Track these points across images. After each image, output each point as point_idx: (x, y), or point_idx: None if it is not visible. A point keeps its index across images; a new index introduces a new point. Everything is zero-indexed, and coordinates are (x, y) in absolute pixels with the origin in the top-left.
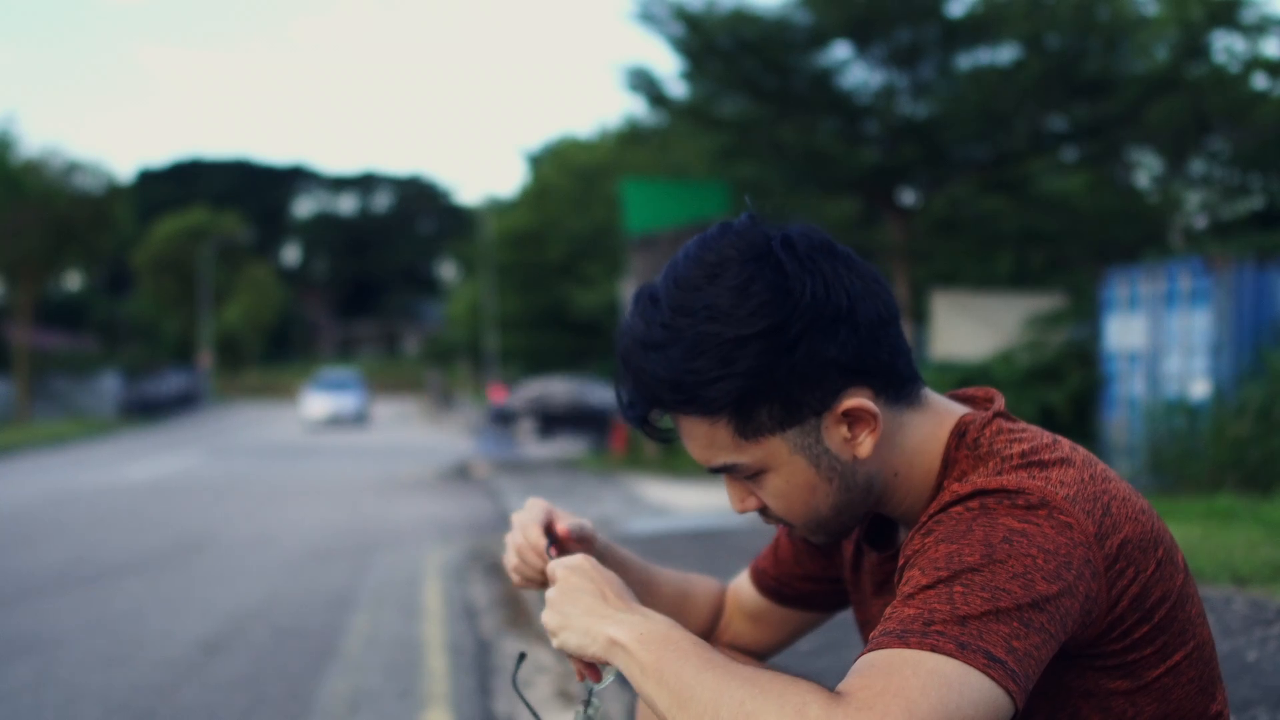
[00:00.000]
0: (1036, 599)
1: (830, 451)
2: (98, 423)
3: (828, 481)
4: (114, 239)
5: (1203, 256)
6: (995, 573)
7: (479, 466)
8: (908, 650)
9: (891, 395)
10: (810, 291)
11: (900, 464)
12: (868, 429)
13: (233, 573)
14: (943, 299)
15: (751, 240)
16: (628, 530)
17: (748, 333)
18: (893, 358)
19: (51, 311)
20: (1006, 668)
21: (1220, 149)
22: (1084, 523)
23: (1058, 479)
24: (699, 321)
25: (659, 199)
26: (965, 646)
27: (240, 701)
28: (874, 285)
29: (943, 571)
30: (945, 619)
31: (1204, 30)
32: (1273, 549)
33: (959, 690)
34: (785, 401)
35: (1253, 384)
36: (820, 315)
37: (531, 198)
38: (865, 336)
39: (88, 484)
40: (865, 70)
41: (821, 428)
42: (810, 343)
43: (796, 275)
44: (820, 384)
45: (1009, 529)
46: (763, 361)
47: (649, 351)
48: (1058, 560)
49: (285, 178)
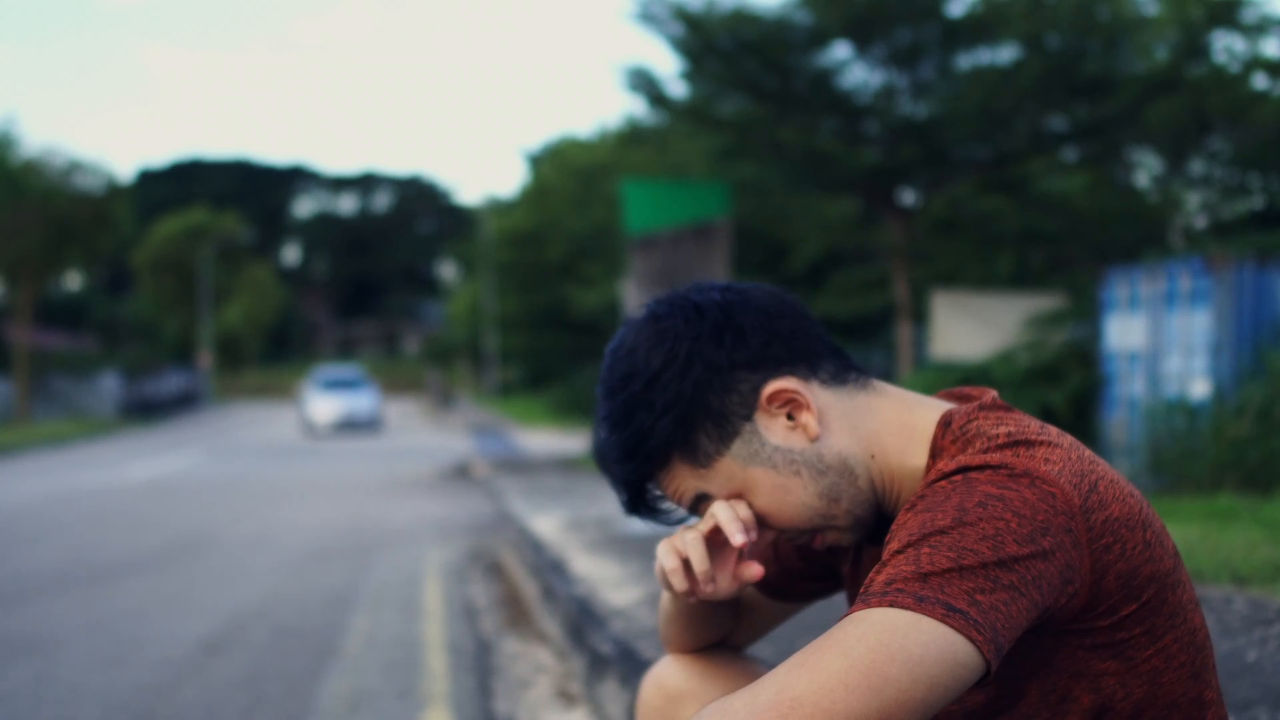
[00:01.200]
0: (1004, 558)
1: (780, 447)
2: (98, 423)
3: (794, 475)
4: (114, 239)
5: (1203, 256)
6: (964, 534)
7: (479, 466)
8: (866, 609)
9: (827, 379)
10: (682, 318)
11: (873, 445)
12: (803, 409)
13: (233, 573)
14: (943, 299)
15: (638, 315)
16: (627, 530)
17: (650, 375)
18: (800, 344)
19: (51, 311)
20: (969, 618)
21: (1220, 149)
22: (1069, 493)
23: (1043, 456)
24: (619, 394)
25: (659, 199)
26: (924, 600)
27: (240, 701)
28: (755, 293)
29: (914, 537)
30: (907, 577)
31: (1204, 30)
32: (1273, 549)
33: (904, 634)
34: (713, 418)
35: (1253, 384)
36: (699, 332)
37: (531, 198)
38: (755, 334)
39: (88, 484)
40: (865, 70)
41: (760, 429)
42: (703, 357)
43: (667, 315)
44: (733, 389)
45: (985, 494)
46: (673, 390)
47: (605, 443)
48: (1033, 525)
49: (285, 178)
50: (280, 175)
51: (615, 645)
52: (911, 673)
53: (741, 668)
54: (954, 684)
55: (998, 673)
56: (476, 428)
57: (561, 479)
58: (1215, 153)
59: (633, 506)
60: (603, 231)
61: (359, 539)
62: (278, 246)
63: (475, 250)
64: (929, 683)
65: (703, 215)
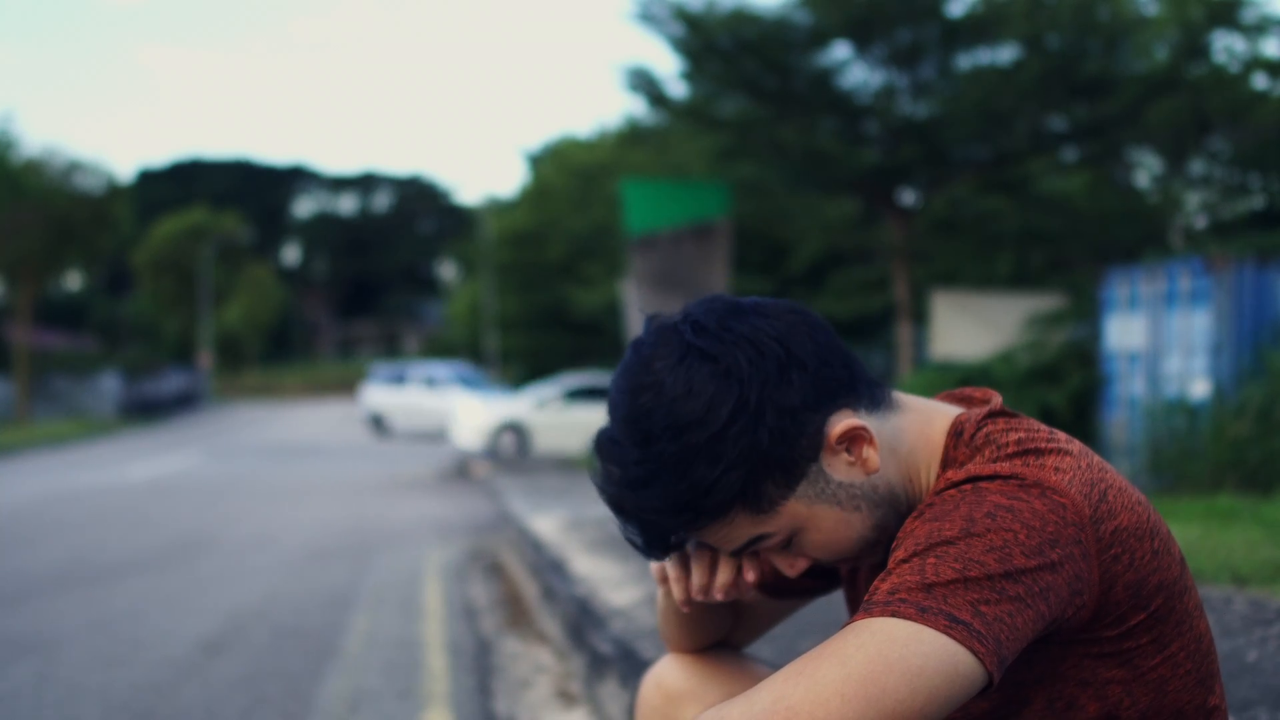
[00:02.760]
0: (1011, 570)
1: (844, 484)
2: (98, 423)
3: (856, 510)
4: (114, 239)
5: (1203, 256)
6: (971, 545)
7: (479, 466)
8: (869, 619)
9: (869, 404)
10: (745, 359)
11: (910, 470)
12: (865, 442)
13: (233, 573)
14: (943, 299)
15: (666, 343)
16: None
17: (717, 428)
18: (848, 369)
19: (51, 311)
20: (971, 629)
21: (1220, 149)
22: (1079, 503)
23: (1053, 465)
24: (669, 443)
25: (659, 199)
26: (926, 611)
27: (240, 701)
28: (790, 315)
29: (920, 546)
30: (911, 587)
31: (1204, 30)
32: (1273, 549)
33: (904, 645)
34: (782, 466)
35: (1253, 384)
36: (767, 374)
37: (531, 198)
38: (814, 366)
39: (88, 484)
40: (865, 70)
41: (824, 468)
42: (774, 403)
43: (724, 353)
44: (803, 433)
45: (995, 505)
46: (745, 444)
47: (639, 492)
48: (1041, 537)
49: (285, 178)
50: (280, 175)
51: (615, 645)
52: (910, 684)
53: (741, 668)
54: (954, 695)
55: (1002, 679)
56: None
57: (561, 479)
58: (1215, 153)
59: (654, 550)
60: (603, 231)
61: (359, 539)
62: (278, 246)
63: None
64: (928, 694)
65: (703, 215)
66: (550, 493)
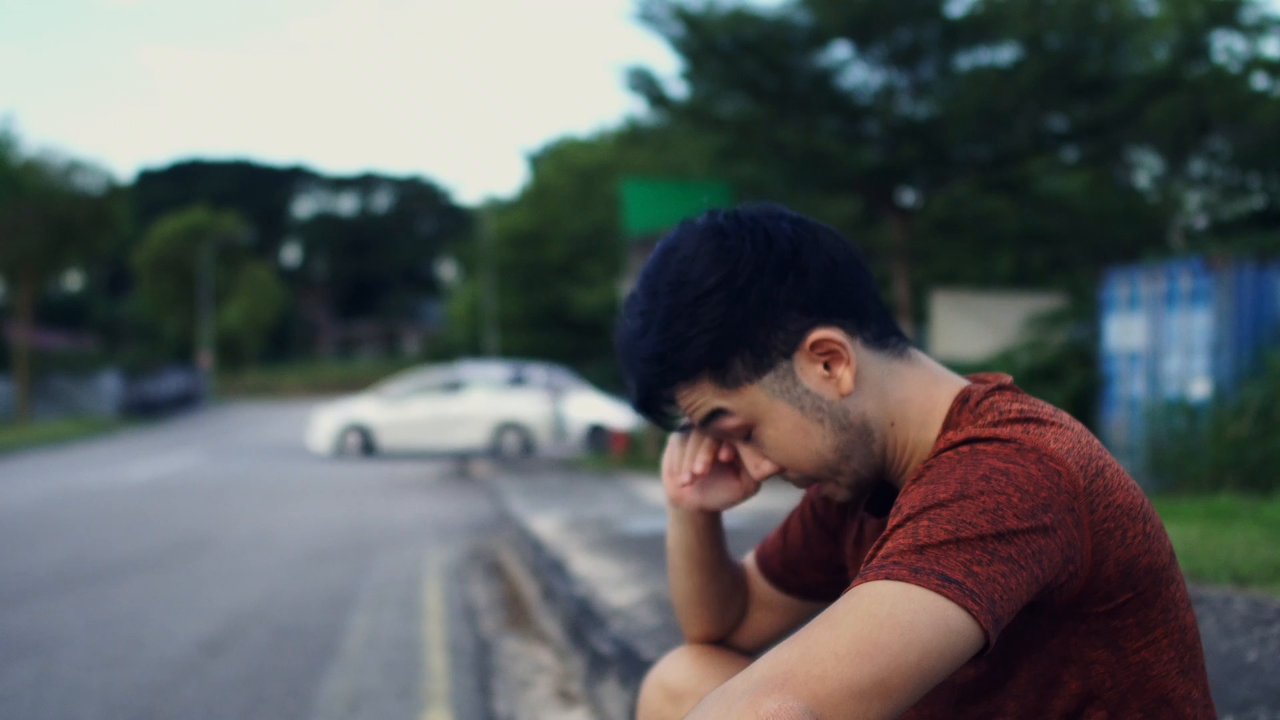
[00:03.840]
0: (1003, 531)
1: (811, 391)
2: (98, 423)
3: (818, 423)
4: (114, 239)
5: (1203, 256)
6: (964, 507)
7: (479, 466)
8: (862, 584)
9: (870, 338)
10: (750, 245)
11: (895, 413)
12: (842, 362)
13: (233, 573)
14: (943, 299)
15: (699, 223)
16: (627, 530)
17: (702, 290)
18: (859, 300)
19: (51, 311)
20: (964, 588)
21: (1220, 149)
22: (1074, 473)
23: (1053, 436)
24: (664, 297)
25: (659, 199)
26: (919, 571)
27: (240, 701)
28: (824, 235)
29: (914, 509)
30: (904, 550)
31: (1204, 30)
32: (1273, 549)
33: (894, 603)
34: (753, 347)
35: (1253, 384)
36: (763, 262)
37: (531, 198)
38: (817, 278)
39: (88, 484)
40: (865, 70)
41: (795, 369)
42: (760, 287)
43: (735, 234)
44: (781, 325)
45: (990, 468)
46: (721, 312)
47: (635, 340)
48: (1035, 501)
49: (285, 178)
50: (280, 175)
51: (615, 645)
52: (903, 638)
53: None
54: (949, 651)
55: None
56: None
57: (561, 479)
58: (1215, 153)
59: (642, 406)
60: (603, 231)
61: (359, 539)
62: (278, 246)
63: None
64: (921, 648)
65: None
66: (550, 493)
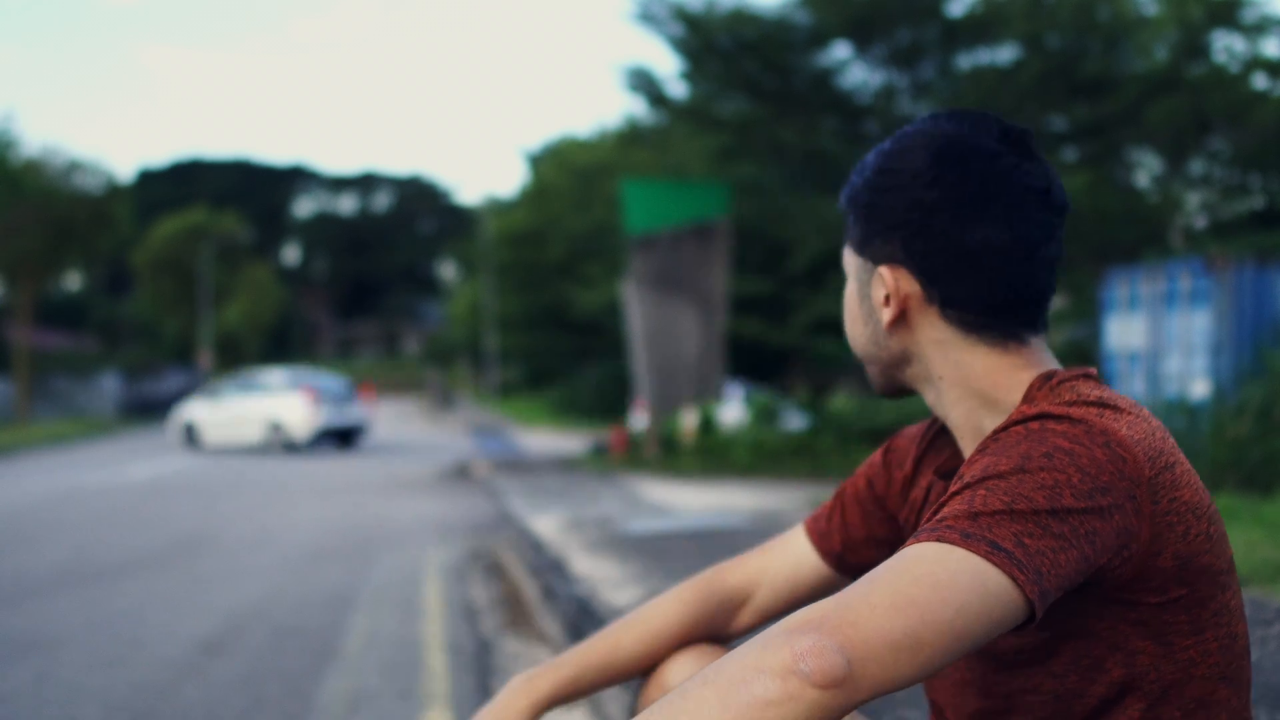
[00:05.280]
0: (1058, 509)
1: (870, 300)
2: (98, 423)
3: (864, 323)
4: (114, 239)
5: (1203, 256)
6: (1023, 481)
7: (479, 466)
8: (915, 544)
9: (960, 315)
10: (923, 168)
11: (949, 374)
12: (889, 307)
13: (233, 572)
14: None
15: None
16: (628, 530)
17: (871, 159)
18: (966, 290)
19: (51, 311)
20: (1013, 557)
21: (1220, 149)
22: (1141, 463)
23: (1127, 423)
24: (887, 154)
25: (659, 199)
26: (969, 536)
27: (240, 701)
28: (1013, 222)
29: (974, 479)
30: (958, 515)
31: (1204, 30)
32: (1273, 549)
33: (934, 562)
34: (865, 228)
35: (1253, 384)
36: (907, 191)
37: (531, 198)
38: (932, 246)
39: (88, 484)
40: (865, 70)
41: (873, 275)
42: (893, 199)
43: (934, 155)
44: (885, 239)
45: (1055, 446)
46: (861, 185)
47: (860, 167)
48: (1095, 484)
49: (285, 178)
50: (280, 175)
51: None
52: (939, 594)
53: None
54: (986, 614)
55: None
56: (476, 428)
57: (561, 479)
58: (1215, 153)
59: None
60: (603, 231)
61: (359, 539)
62: (278, 246)
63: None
64: (957, 607)
65: (703, 215)
66: (550, 493)
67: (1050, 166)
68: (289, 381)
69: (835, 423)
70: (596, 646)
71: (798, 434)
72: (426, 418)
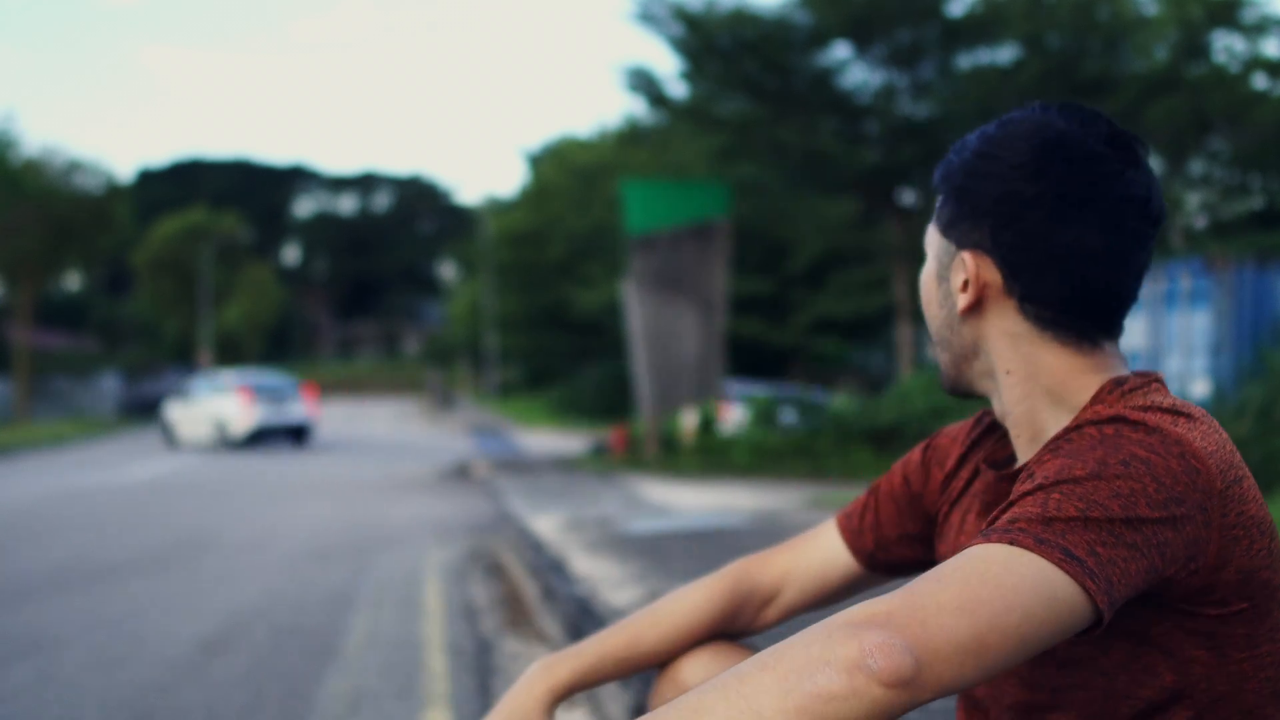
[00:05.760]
0: (1132, 518)
1: (949, 283)
2: (98, 423)
3: (940, 306)
4: (114, 239)
5: (1203, 256)
6: (1098, 488)
7: (479, 466)
8: (981, 545)
9: (1031, 311)
10: (1025, 161)
11: (1018, 369)
12: (966, 293)
13: (233, 572)
14: None
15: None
16: (628, 530)
17: (970, 142)
18: (1047, 287)
19: (51, 311)
20: (1085, 566)
21: (1220, 149)
22: (1214, 475)
23: (1201, 433)
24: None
25: (659, 199)
26: (1044, 542)
27: (240, 701)
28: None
29: (1048, 480)
30: (1032, 519)
31: (1204, 30)
32: None
33: (1003, 565)
34: (955, 210)
35: (1253, 384)
36: (1005, 181)
37: (531, 198)
38: (1019, 240)
39: (88, 484)
40: (865, 70)
41: (955, 259)
42: (989, 186)
43: (1036, 146)
44: (974, 224)
45: (1131, 454)
46: (958, 166)
47: (958, 147)
48: (1169, 494)
49: (285, 178)
50: (280, 175)
51: None
52: (1005, 599)
53: None
54: (1052, 619)
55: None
56: (476, 428)
57: (561, 479)
58: (1215, 153)
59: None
60: (603, 231)
61: (359, 539)
62: (278, 246)
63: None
64: (1023, 612)
65: (703, 215)
66: (550, 493)
67: (1153, 175)
68: (234, 382)
69: (835, 423)
70: (618, 635)
71: (798, 434)
72: (426, 418)
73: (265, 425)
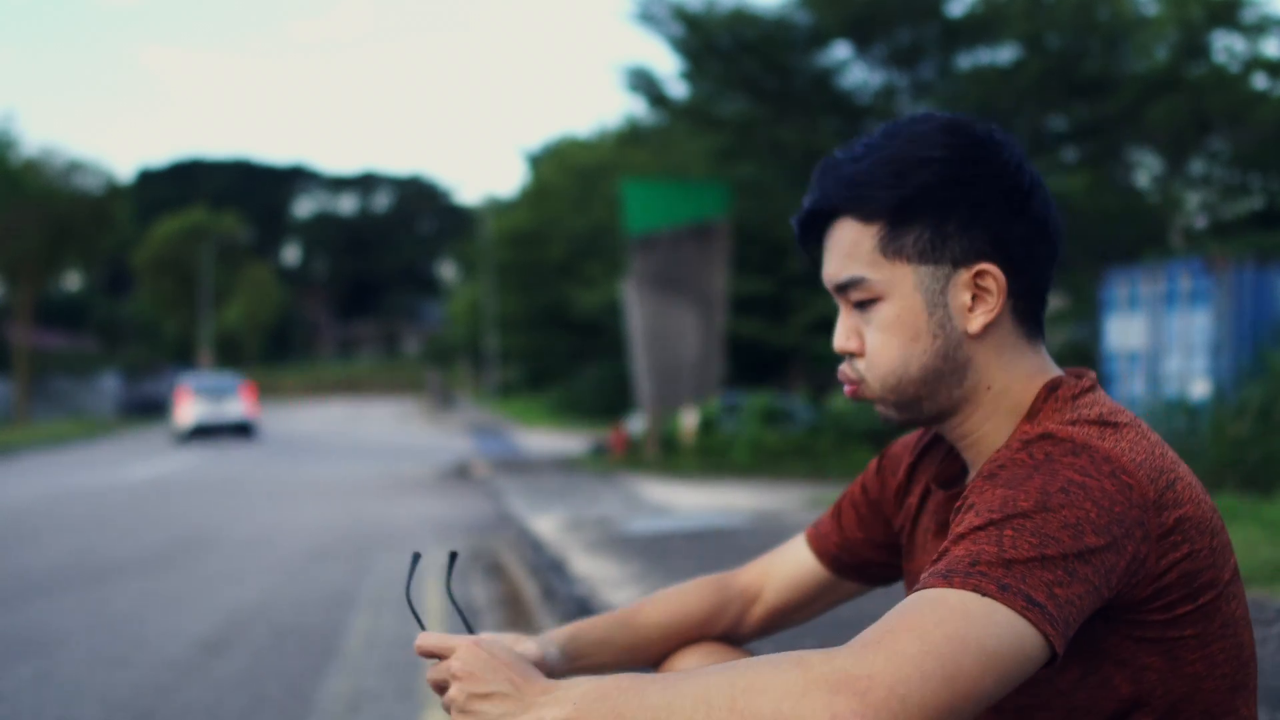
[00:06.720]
0: (1083, 550)
1: (947, 308)
2: (98, 423)
3: (931, 336)
4: (114, 239)
5: (1203, 256)
6: (1047, 520)
7: (479, 466)
8: (949, 589)
9: (1024, 311)
10: (1004, 158)
11: (998, 381)
12: (986, 307)
13: (233, 572)
14: None
15: (962, 118)
16: (628, 530)
17: (933, 156)
18: (1040, 264)
19: (51, 311)
20: (1046, 611)
21: (1220, 149)
22: (1145, 487)
23: (1128, 443)
24: (899, 143)
25: (659, 199)
26: (1006, 589)
27: (240, 701)
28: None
29: (995, 514)
30: (991, 561)
31: (1204, 30)
32: (1273, 549)
33: (981, 624)
34: (937, 233)
35: (1253, 384)
36: (1000, 179)
37: (531, 197)
38: (1027, 225)
39: (88, 483)
40: (865, 70)
41: (951, 281)
42: (983, 192)
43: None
44: (971, 234)
45: (1068, 480)
46: (935, 183)
47: (844, 162)
48: (1109, 516)
49: (285, 178)
50: (280, 175)
51: None
52: (984, 665)
53: None
54: (1021, 675)
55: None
56: (476, 428)
57: (561, 479)
58: (1215, 153)
59: (805, 221)
60: (603, 231)
61: (359, 539)
62: (278, 246)
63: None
64: (998, 675)
65: (703, 215)
66: (550, 493)
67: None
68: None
69: (835, 423)
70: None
71: (798, 434)
72: (426, 418)
73: (204, 423)
